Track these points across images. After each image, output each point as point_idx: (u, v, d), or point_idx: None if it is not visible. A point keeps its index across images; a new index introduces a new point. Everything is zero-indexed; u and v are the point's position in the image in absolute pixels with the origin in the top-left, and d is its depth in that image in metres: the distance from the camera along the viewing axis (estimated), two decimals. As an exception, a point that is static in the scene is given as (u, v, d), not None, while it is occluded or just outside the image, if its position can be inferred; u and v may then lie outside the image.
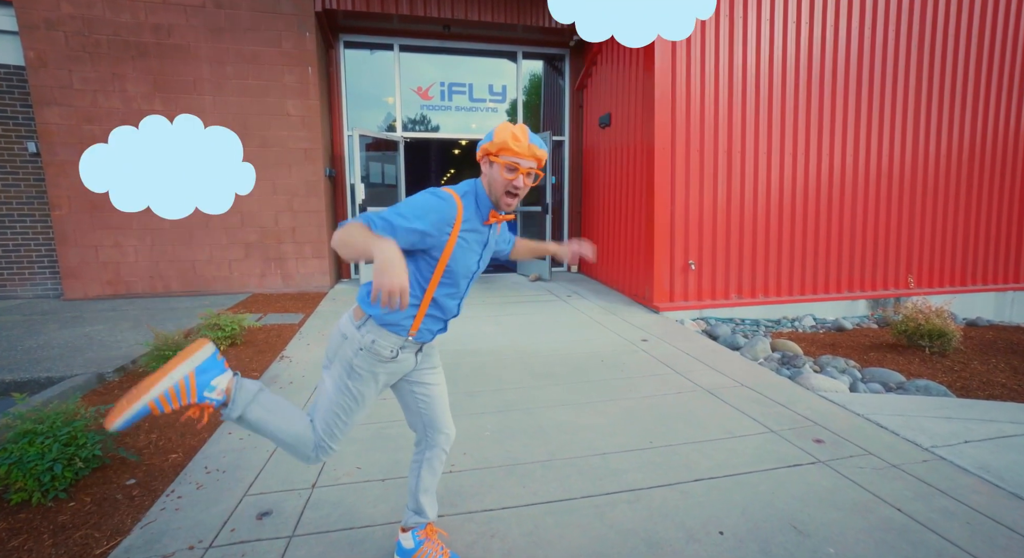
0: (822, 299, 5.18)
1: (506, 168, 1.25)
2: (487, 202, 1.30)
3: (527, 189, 1.30)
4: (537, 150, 1.25)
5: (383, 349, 1.30)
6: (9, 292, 5.49)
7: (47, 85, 5.10)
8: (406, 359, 1.37)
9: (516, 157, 1.24)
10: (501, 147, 1.24)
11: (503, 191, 1.27)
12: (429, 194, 1.25)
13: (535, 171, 1.28)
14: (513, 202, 1.30)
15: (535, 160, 1.27)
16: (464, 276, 1.33)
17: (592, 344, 3.87)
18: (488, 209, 1.31)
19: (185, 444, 2.35)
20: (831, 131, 5.10)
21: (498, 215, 1.33)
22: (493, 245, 1.42)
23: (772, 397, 2.81)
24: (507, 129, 1.25)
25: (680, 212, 4.89)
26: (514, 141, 1.23)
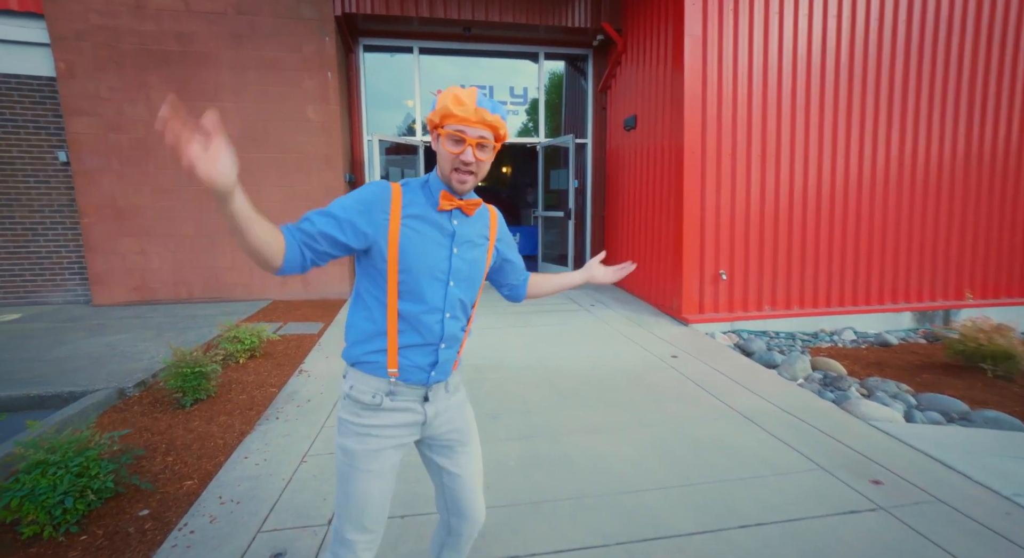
0: (863, 311, 4.88)
1: (450, 139, 1.04)
2: (439, 184, 1.10)
3: (483, 165, 1.08)
4: (487, 115, 1.03)
5: (363, 395, 1.07)
6: (42, 298, 5.60)
7: (76, 95, 5.17)
8: (403, 409, 1.10)
9: (461, 124, 1.03)
10: (443, 114, 1.03)
11: (451, 167, 1.06)
12: (365, 185, 1.09)
13: (490, 143, 1.06)
14: (466, 180, 1.07)
15: (487, 127, 1.04)
16: (431, 277, 1.07)
17: (619, 360, 3.70)
18: (439, 191, 1.09)
19: (201, 469, 2.28)
20: (874, 127, 4.79)
21: (453, 198, 1.09)
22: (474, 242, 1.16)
23: (818, 426, 2.61)
24: (448, 94, 1.04)
25: (710, 218, 4.67)
26: (456, 104, 1.01)
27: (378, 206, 1.04)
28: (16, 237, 5.45)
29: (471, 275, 1.15)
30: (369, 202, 1.04)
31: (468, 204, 1.12)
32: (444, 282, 1.10)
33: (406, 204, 1.07)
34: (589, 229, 7.12)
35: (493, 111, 1.05)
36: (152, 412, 2.82)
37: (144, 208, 5.40)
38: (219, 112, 4.14)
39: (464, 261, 1.13)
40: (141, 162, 5.34)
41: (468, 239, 1.15)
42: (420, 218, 1.08)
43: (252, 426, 2.67)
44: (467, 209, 1.12)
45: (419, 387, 1.11)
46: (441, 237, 1.10)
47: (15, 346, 3.89)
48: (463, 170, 1.06)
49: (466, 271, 1.14)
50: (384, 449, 1.09)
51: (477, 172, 1.08)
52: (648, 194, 5.47)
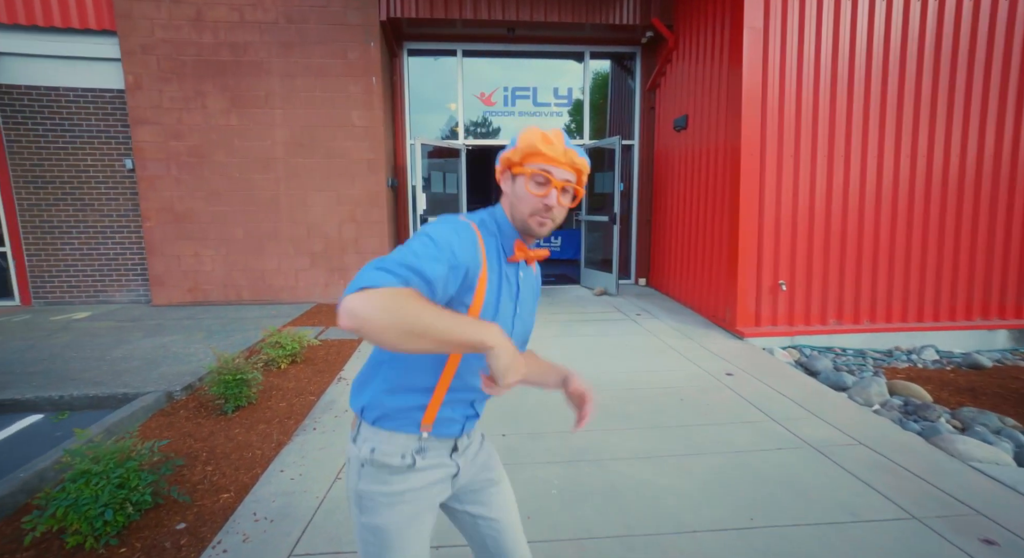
0: (947, 327, 4.37)
1: (533, 180, 0.92)
2: (510, 230, 0.97)
3: (563, 211, 0.97)
4: (576, 157, 0.94)
5: (390, 457, 0.91)
6: (109, 297, 5.96)
7: (142, 105, 5.46)
8: (435, 466, 0.96)
9: (548, 164, 0.92)
10: (527, 153, 0.93)
11: (531, 211, 0.93)
12: (440, 223, 0.89)
13: (573, 187, 0.95)
14: (545, 226, 0.95)
15: (574, 171, 0.95)
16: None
17: (668, 377, 3.46)
18: (513, 239, 0.97)
19: (238, 481, 2.26)
20: (964, 120, 4.27)
21: (526, 248, 0.97)
22: (529, 301, 1.03)
23: (904, 464, 2.28)
24: (535, 132, 0.93)
25: (770, 224, 4.32)
26: (545, 143, 0.92)
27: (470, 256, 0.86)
28: (88, 240, 5.83)
29: (525, 334, 1.04)
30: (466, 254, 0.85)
31: (536, 255, 1.00)
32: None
33: (488, 255, 0.92)
34: (635, 233, 6.83)
35: (581, 155, 0.96)
36: (196, 417, 2.86)
37: (198, 212, 5.63)
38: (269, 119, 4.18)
39: (522, 321, 1.02)
40: (196, 168, 5.57)
41: (527, 295, 1.03)
42: (497, 273, 0.94)
43: (290, 437, 2.65)
44: (532, 261, 1.01)
45: (449, 440, 0.98)
46: (510, 293, 0.97)
47: (82, 345, 4.11)
48: (544, 215, 0.94)
49: (523, 331, 1.02)
50: (421, 513, 0.94)
51: (556, 219, 0.97)
52: (699, 197, 5.15)
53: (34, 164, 5.61)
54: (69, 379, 3.30)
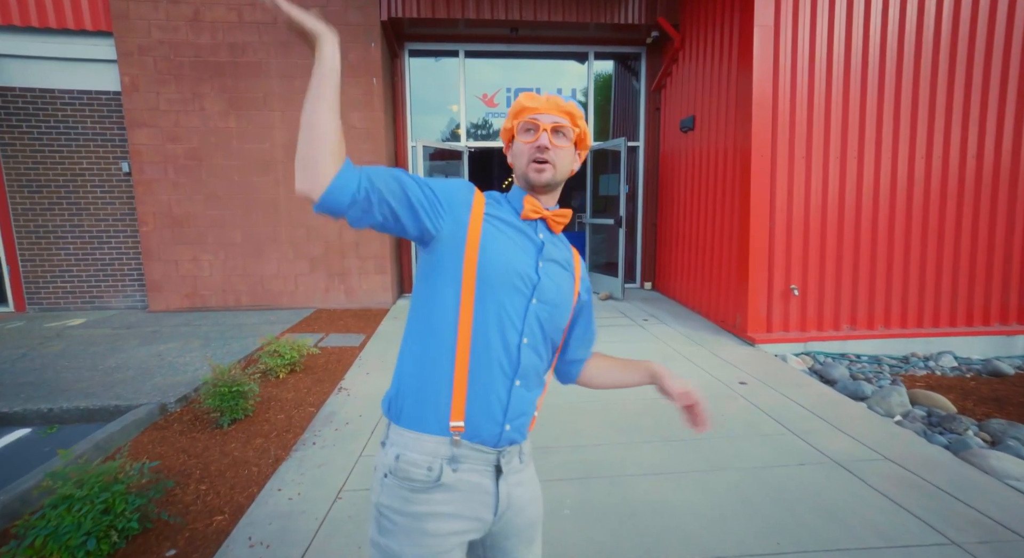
0: (964, 333, 4.25)
1: (522, 130, 0.95)
2: (518, 192, 0.98)
3: (561, 155, 0.95)
4: (561, 102, 0.95)
5: (414, 467, 0.81)
6: (105, 303, 5.85)
7: (138, 108, 5.36)
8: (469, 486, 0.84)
9: (533, 113, 0.94)
10: (515, 112, 0.97)
11: (527, 160, 0.94)
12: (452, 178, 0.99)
13: (567, 129, 0.95)
14: (543, 169, 0.93)
15: (562, 114, 0.95)
16: (511, 287, 0.86)
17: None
18: (521, 197, 0.97)
19: (233, 500, 2.15)
20: (980, 119, 4.14)
21: (536, 203, 0.95)
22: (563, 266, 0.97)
23: (935, 482, 2.17)
24: (520, 96, 0.99)
25: (781, 227, 4.21)
26: (528, 99, 0.96)
27: (461, 198, 0.90)
28: (84, 244, 5.72)
29: (558, 300, 0.93)
30: (451, 190, 0.90)
31: (556, 216, 0.98)
32: (527, 296, 0.88)
33: (489, 205, 0.94)
34: (640, 236, 6.72)
35: (567, 99, 0.98)
36: (191, 431, 2.75)
37: (196, 216, 5.53)
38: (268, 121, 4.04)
39: (552, 280, 0.93)
40: (194, 171, 5.46)
41: (555, 259, 0.97)
42: (504, 221, 0.94)
43: (288, 452, 2.54)
44: (553, 224, 0.98)
45: (489, 451, 0.85)
46: (527, 244, 0.94)
47: (75, 353, 4.00)
48: (540, 159, 0.93)
49: (553, 292, 0.92)
50: (447, 553, 0.82)
51: (555, 162, 0.94)
52: (707, 200, 5.04)
53: (28, 167, 5.50)
54: (60, 390, 3.19)
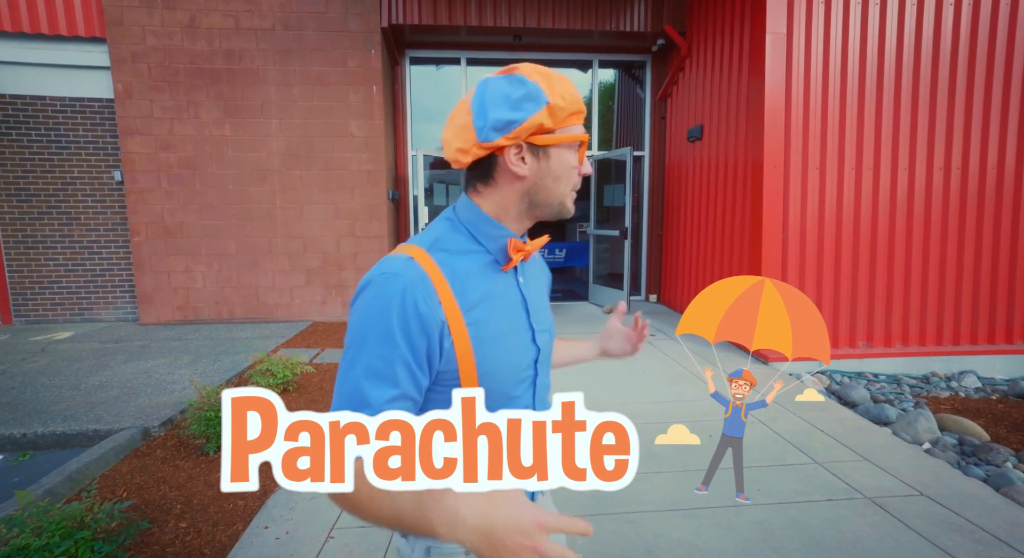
0: (986, 351, 4.08)
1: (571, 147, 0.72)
2: (497, 231, 0.72)
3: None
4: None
5: (452, 555, 0.72)
6: (95, 315, 5.68)
7: (131, 115, 5.23)
8: None
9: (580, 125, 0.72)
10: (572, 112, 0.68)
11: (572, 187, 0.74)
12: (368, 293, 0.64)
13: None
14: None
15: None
16: (516, 379, 0.73)
17: (693, 409, 3.17)
18: (502, 240, 0.72)
19: (215, 541, 1.97)
20: (1001, 128, 4.00)
21: (522, 245, 0.72)
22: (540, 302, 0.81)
23: (979, 523, 1.99)
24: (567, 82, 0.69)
25: (794, 240, 4.06)
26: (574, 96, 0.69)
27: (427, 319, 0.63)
28: (74, 255, 5.56)
29: (549, 326, 0.82)
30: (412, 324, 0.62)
31: (535, 244, 0.76)
32: (531, 377, 0.76)
33: (458, 288, 0.67)
34: (645, 248, 6.57)
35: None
36: (174, 458, 2.57)
37: (190, 226, 5.37)
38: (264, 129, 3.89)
39: (545, 336, 0.78)
40: (188, 180, 5.32)
41: (538, 300, 0.80)
42: (485, 302, 0.69)
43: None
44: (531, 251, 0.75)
45: None
46: (516, 314, 0.74)
47: (59, 370, 3.83)
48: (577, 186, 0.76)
49: (548, 348, 0.80)
50: None
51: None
52: (716, 211, 4.90)
53: (18, 176, 5.36)
54: (37, 412, 3.01)
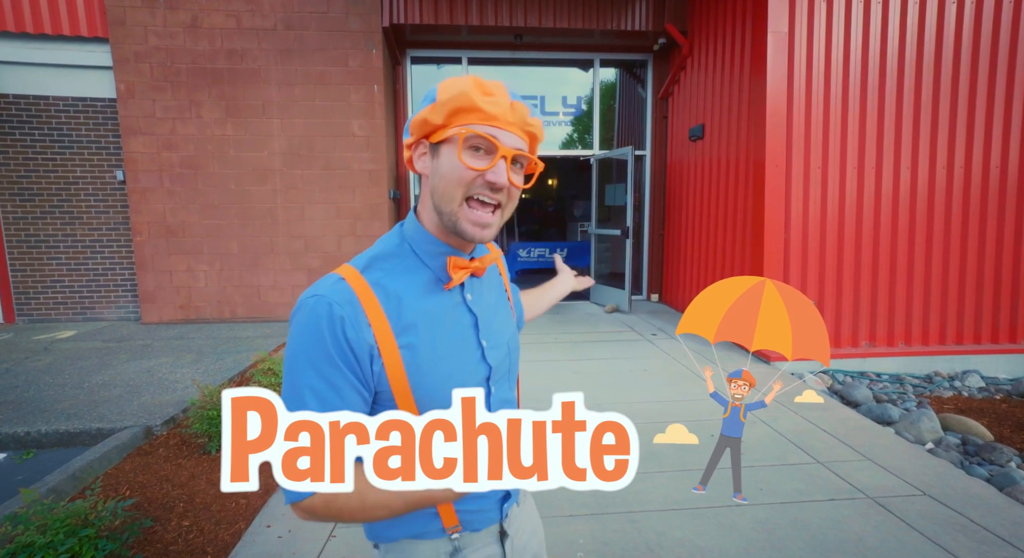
0: (989, 351, 4.07)
1: (470, 146, 0.62)
2: (435, 246, 0.69)
3: (515, 196, 0.67)
4: (528, 117, 0.64)
5: None
6: (97, 314, 5.70)
7: (134, 115, 5.24)
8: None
9: (491, 125, 0.62)
10: (457, 107, 0.62)
11: (464, 194, 0.64)
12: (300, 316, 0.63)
13: (525, 157, 0.65)
14: (488, 222, 0.65)
15: (526, 136, 0.65)
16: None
17: (695, 408, 3.17)
18: (442, 256, 0.69)
19: (218, 539, 1.98)
20: (1004, 125, 3.98)
21: (466, 263, 0.69)
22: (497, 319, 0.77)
23: (983, 523, 1.99)
24: (467, 80, 0.63)
25: (796, 239, 4.05)
26: (483, 94, 0.62)
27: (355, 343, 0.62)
28: (76, 254, 5.58)
29: (511, 364, 0.79)
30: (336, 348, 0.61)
31: (484, 261, 0.72)
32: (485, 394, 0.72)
33: (391, 311, 0.64)
34: (646, 247, 6.57)
35: (534, 113, 0.66)
36: (177, 457, 2.58)
37: (191, 225, 5.39)
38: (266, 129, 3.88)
39: (500, 350, 0.76)
40: (189, 180, 5.33)
41: (491, 313, 0.76)
42: (420, 325, 0.66)
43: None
44: (480, 270, 0.71)
45: (493, 527, 0.77)
46: (460, 334, 0.71)
47: (62, 369, 3.84)
48: (484, 202, 0.64)
49: (506, 363, 0.77)
50: None
51: (504, 208, 0.67)
52: (718, 210, 4.89)
53: (21, 175, 5.38)
54: (41, 411, 3.02)
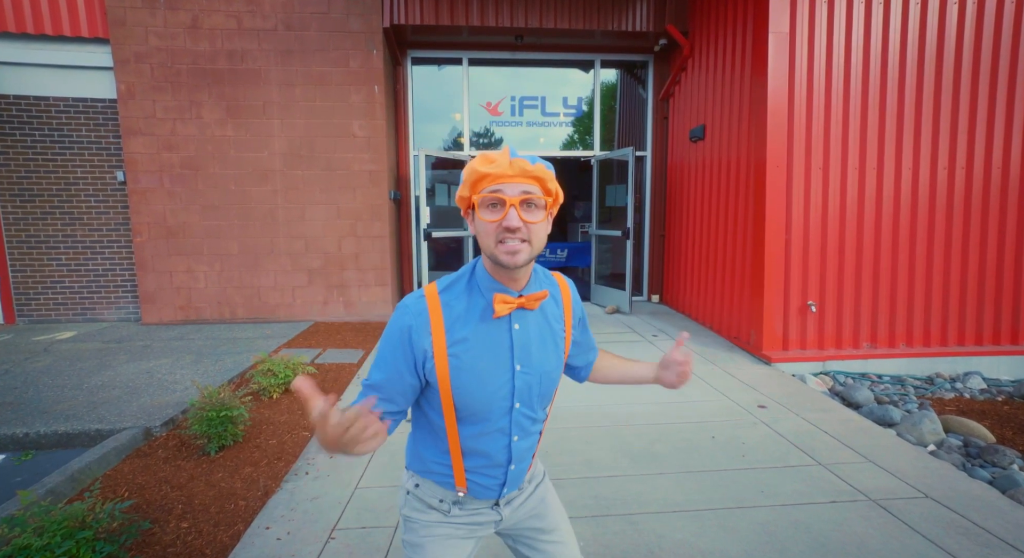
0: (991, 352, 4.06)
1: (485, 206, 0.83)
2: (489, 283, 0.89)
3: (536, 230, 0.84)
4: (528, 166, 0.82)
5: (428, 496, 0.97)
6: (97, 315, 5.69)
7: (134, 116, 5.24)
8: (473, 513, 0.98)
9: (495, 183, 0.82)
10: (474, 181, 0.84)
11: (495, 241, 0.83)
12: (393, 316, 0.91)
13: (539, 198, 0.83)
14: (518, 251, 0.83)
15: (531, 181, 0.83)
16: (490, 405, 0.90)
17: (696, 409, 3.16)
18: (491, 293, 0.88)
19: (217, 541, 1.96)
20: (1006, 125, 3.98)
21: (509, 298, 0.87)
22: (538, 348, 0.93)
23: (986, 526, 1.98)
24: (475, 159, 0.85)
25: (797, 240, 4.04)
26: (485, 163, 0.82)
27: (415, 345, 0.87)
28: (77, 255, 5.57)
29: (543, 391, 0.96)
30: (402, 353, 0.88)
31: (532, 299, 0.90)
32: (509, 406, 0.92)
33: (450, 325, 0.87)
34: (647, 248, 6.56)
35: (534, 162, 0.84)
36: (176, 458, 2.57)
37: (192, 226, 5.38)
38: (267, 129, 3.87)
39: (532, 376, 0.92)
40: (190, 180, 5.33)
41: (534, 344, 0.93)
42: (469, 341, 0.88)
43: (279, 482, 2.36)
44: (530, 305, 0.90)
45: (490, 500, 0.99)
46: (498, 355, 0.90)
47: (61, 370, 3.83)
48: (509, 239, 0.83)
49: (536, 388, 0.94)
50: (455, 537, 0.98)
51: (531, 240, 0.84)
52: (719, 211, 4.88)
53: (21, 176, 5.38)
54: (40, 412, 3.01)
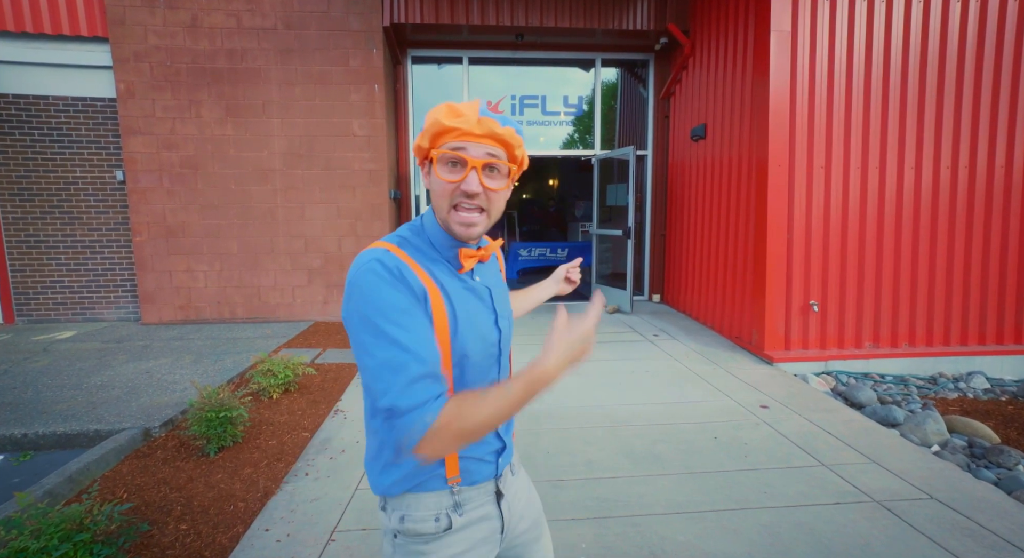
0: (994, 352, 4.04)
1: (444, 162, 0.75)
2: (447, 239, 0.81)
3: (495, 198, 0.78)
4: (497, 127, 0.74)
5: (422, 523, 0.80)
6: (97, 314, 5.68)
7: (133, 115, 5.23)
8: (478, 520, 0.84)
9: (459, 139, 0.74)
10: (434, 132, 0.74)
11: (449, 204, 0.76)
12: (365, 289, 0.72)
13: (502, 164, 0.76)
14: (474, 223, 0.77)
15: (497, 144, 0.75)
16: (485, 356, 0.83)
17: (698, 409, 3.14)
18: (453, 246, 0.81)
19: (216, 543, 1.95)
20: (1009, 125, 3.95)
21: (474, 252, 0.82)
22: (503, 296, 0.91)
23: (992, 528, 1.96)
24: (440, 106, 0.75)
25: (799, 239, 4.02)
26: (452, 116, 0.73)
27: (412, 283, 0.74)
28: (76, 255, 5.56)
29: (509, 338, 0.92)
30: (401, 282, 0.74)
31: (489, 250, 0.87)
32: (497, 354, 0.86)
33: (428, 270, 0.78)
34: (648, 248, 6.54)
35: (504, 123, 0.76)
36: (175, 459, 2.55)
37: (191, 225, 5.37)
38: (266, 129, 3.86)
39: (506, 321, 0.89)
40: (189, 180, 5.32)
41: (498, 293, 0.90)
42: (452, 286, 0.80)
43: (279, 484, 2.34)
44: (486, 257, 0.86)
45: (488, 483, 0.87)
46: (481, 301, 0.84)
47: (60, 370, 3.82)
48: (466, 207, 0.76)
49: (510, 334, 0.91)
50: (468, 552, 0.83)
51: (489, 209, 0.78)
52: (720, 210, 4.86)
53: (20, 176, 5.36)
54: (39, 412, 3.00)
